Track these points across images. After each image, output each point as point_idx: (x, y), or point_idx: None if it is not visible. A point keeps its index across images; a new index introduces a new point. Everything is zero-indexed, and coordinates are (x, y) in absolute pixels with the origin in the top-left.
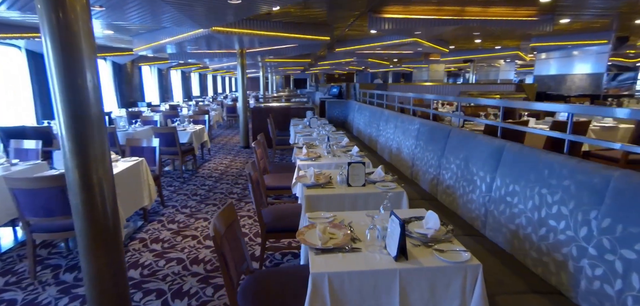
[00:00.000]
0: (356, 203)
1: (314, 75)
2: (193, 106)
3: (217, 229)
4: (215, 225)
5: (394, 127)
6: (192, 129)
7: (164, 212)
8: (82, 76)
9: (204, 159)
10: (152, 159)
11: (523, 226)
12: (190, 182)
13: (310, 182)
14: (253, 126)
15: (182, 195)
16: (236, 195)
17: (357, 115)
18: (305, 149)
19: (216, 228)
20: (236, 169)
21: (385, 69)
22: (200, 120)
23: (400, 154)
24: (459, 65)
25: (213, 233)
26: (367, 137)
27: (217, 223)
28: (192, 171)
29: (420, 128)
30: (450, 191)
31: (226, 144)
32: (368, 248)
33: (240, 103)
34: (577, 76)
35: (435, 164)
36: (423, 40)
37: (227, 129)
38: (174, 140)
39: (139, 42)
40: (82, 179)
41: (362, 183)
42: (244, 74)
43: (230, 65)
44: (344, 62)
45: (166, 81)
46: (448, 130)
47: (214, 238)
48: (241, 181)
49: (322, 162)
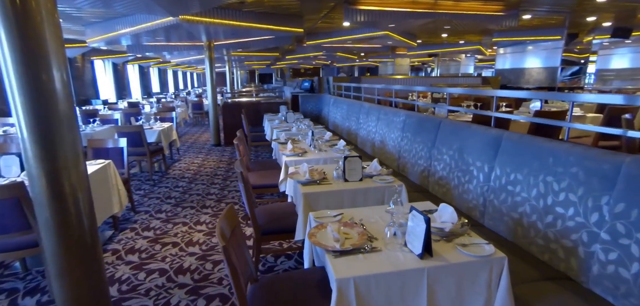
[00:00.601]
0: (355, 199)
1: (280, 70)
2: (154, 103)
3: (225, 235)
4: (222, 231)
5: (376, 120)
6: (159, 127)
7: (136, 219)
8: (47, 71)
9: (174, 159)
10: (119, 161)
11: (527, 214)
12: (161, 184)
13: (304, 179)
14: (224, 122)
15: (154, 199)
16: (214, 196)
17: (333, 109)
18: (290, 144)
19: (223, 234)
20: (210, 168)
21: (351, 63)
22: (167, 117)
23: (384, 147)
24: (422, 59)
25: (222, 241)
26: (346, 131)
27: (224, 228)
28: (161, 172)
29: (407, 120)
30: (443, 183)
31: (195, 143)
32: (387, 246)
33: (210, 99)
34: (535, 69)
35: (426, 155)
36: (394, 34)
37: (194, 126)
38: (140, 140)
39: (92, 32)
40: (51, 188)
41: (359, 177)
42: (213, 68)
43: (191, 60)
44: (312, 57)
45: (123, 77)
46: (438, 121)
47: (225, 248)
48: (217, 180)
49: (310, 157)
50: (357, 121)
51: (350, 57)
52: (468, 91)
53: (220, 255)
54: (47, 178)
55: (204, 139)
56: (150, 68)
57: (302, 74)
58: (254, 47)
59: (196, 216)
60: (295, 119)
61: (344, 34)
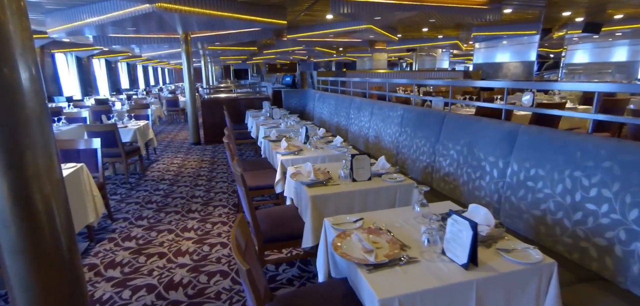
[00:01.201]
0: (366, 200)
1: (256, 65)
2: (125, 100)
3: (240, 247)
4: (238, 244)
5: (369, 115)
6: (135, 125)
7: (115, 227)
8: (10, 65)
9: (151, 160)
10: (92, 164)
11: (551, 211)
12: (139, 187)
13: (309, 179)
14: (204, 119)
15: (132, 204)
16: (200, 199)
17: (319, 104)
18: (284, 142)
19: (239, 248)
20: (192, 169)
21: (329, 58)
22: (142, 115)
23: (380, 142)
24: (400, 54)
25: (243, 262)
26: (334, 127)
27: (240, 242)
28: (139, 174)
29: (405, 115)
30: (450, 179)
31: (173, 142)
32: (424, 256)
33: (187, 95)
34: (512, 63)
35: (429, 151)
36: (377, 28)
37: (170, 125)
38: (114, 139)
39: (53, 22)
40: (19, 203)
41: (368, 176)
42: (190, 62)
43: (163, 54)
44: (290, 51)
45: (88, 72)
46: (442, 115)
47: (249, 272)
48: (201, 182)
49: (306, 156)
50: (347, 117)
51: (328, 52)
52: (466, 82)
53: (214, 265)
54: (13, 191)
55: (182, 137)
56: (119, 63)
57: (278, 70)
58: (233, 40)
59: (182, 222)
60: (282, 115)
61: (326, 28)
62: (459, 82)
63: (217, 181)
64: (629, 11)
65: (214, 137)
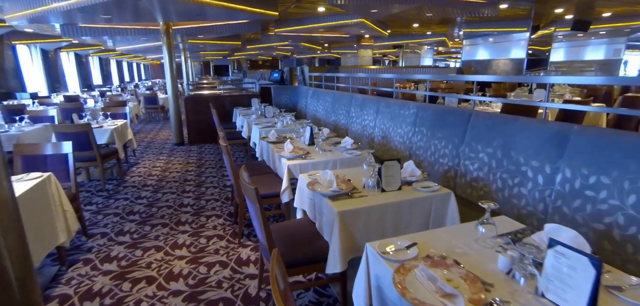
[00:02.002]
0: (400, 214)
1: (237, 61)
2: (98, 97)
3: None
4: (278, 287)
5: (374, 113)
6: (111, 125)
7: (91, 246)
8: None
9: (130, 163)
10: (63, 172)
11: (620, 225)
12: (118, 195)
13: (331, 191)
14: (187, 118)
15: (111, 215)
16: (190, 208)
17: (312, 101)
18: (289, 144)
19: (280, 292)
20: (177, 173)
21: (312, 54)
22: (119, 113)
23: (388, 143)
24: (386, 51)
25: None
26: (331, 126)
27: (280, 282)
28: (117, 179)
29: (420, 113)
30: (479, 185)
31: (154, 142)
32: (517, 298)
33: (170, 92)
34: (502, 61)
35: (452, 153)
36: (369, 22)
37: (149, 123)
38: (88, 141)
39: (12, 7)
40: None
41: (398, 185)
42: (172, 56)
43: (139, 48)
44: (274, 47)
45: (55, 66)
46: (467, 114)
47: None
48: (190, 187)
49: (316, 160)
50: (347, 115)
51: (314, 48)
52: (505, 78)
53: (215, 292)
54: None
55: (163, 137)
56: (90, 57)
57: (260, 66)
58: (218, 33)
59: (172, 236)
60: (275, 113)
61: (316, 22)
62: (479, 77)
63: (207, 186)
64: (617, 9)
65: (198, 137)
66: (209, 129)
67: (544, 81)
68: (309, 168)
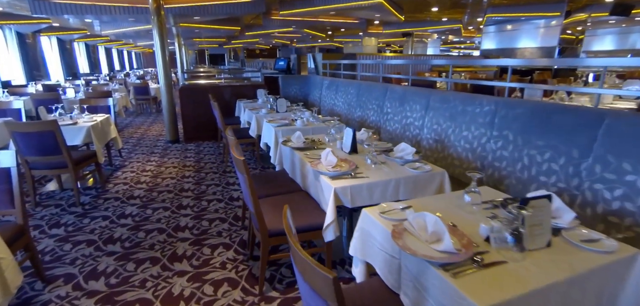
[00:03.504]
0: (569, 297)
1: (233, 50)
2: (82, 86)
3: None
4: None
5: (422, 109)
6: (88, 121)
7: (47, 300)
8: None
9: (115, 167)
10: (5, 194)
11: None
12: (96, 212)
13: (443, 250)
14: (183, 111)
15: (83, 246)
16: (189, 232)
17: (328, 93)
18: (331, 155)
19: None
20: (171, 179)
21: (313, 43)
22: (101, 106)
23: (445, 149)
24: (388, 40)
25: None
26: (356, 122)
27: None
28: (97, 189)
29: (501, 111)
30: (626, 222)
31: (144, 139)
32: None
33: (162, 82)
34: (528, 49)
35: (566, 171)
36: (387, 3)
37: (139, 116)
38: (55, 144)
39: None
40: None
41: (547, 241)
42: (164, 39)
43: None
44: (275, 33)
45: (34, 52)
46: (597, 114)
47: None
48: (187, 199)
49: (372, 180)
50: (380, 110)
51: (317, 36)
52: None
53: None
54: None
55: (155, 133)
56: (75, 43)
57: (257, 55)
58: (216, 13)
59: (165, 281)
60: (289, 108)
61: (328, 2)
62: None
63: (209, 197)
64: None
65: (196, 133)
66: (208, 123)
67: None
68: (364, 192)
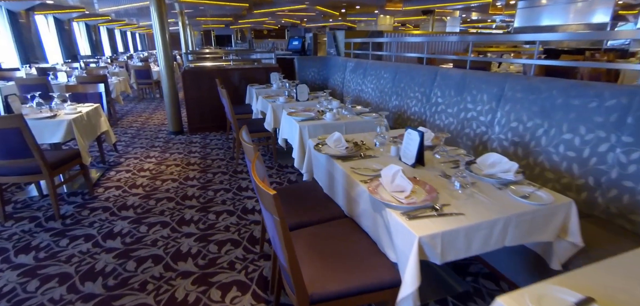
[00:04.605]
0: None
1: (240, 30)
2: (79, 69)
3: None
4: None
5: (494, 100)
6: (71, 113)
7: None
8: None
9: (109, 165)
10: None
11: None
12: (77, 229)
13: None
14: (186, 97)
15: (54, 285)
16: (193, 264)
17: (353, 77)
18: (401, 176)
19: None
20: (173, 181)
21: (323, 23)
22: (91, 94)
23: (533, 157)
24: (404, 19)
25: None
26: (392, 113)
27: None
28: (82, 196)
29: (637, 106)
30: None
31: (144, 130)
32: None
33: (162, 64)
34: (572, 26)
35: None
36: None
37: (141, 102)
38: (23, 144)
39: None
40: None
41: None
42: (164, 17)
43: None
44: (285, 12)
45: (28, 32)
46: None
47: None
48: (191, 209)
49: (470, 222)
50: (426, 99)
51: (329, 14)
52: None
53: None
54: None
55: (157, 122)
56: (74, 23)
57: (265, 36)
58: None
59: None
60: (312, 96)
61: None
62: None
63: (219, 209)
64: None
65: (201, 123)
66: (215, 111)
67: None
68: (460, 240)
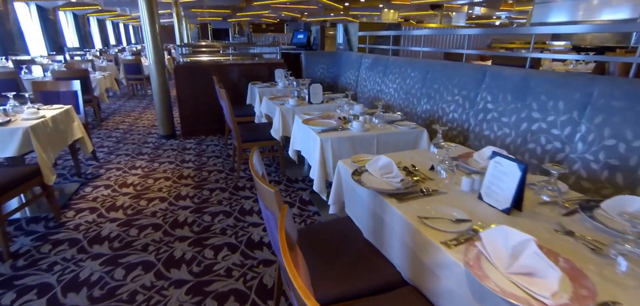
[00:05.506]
0: None
1: (238, 24)
2: (60, 63)
3: None
4: None
5: (576, 109)
6: (29, 118)
7: None
8: None
9: (84, 179)
10: None
11: None
12: (30, 277)
13: None
14: (179, 96)
15: None
16: None
17: (370, 75)
18: (552, 274)
19: None
20: (163, 200)
21: (325, 17)
22: (64, 92)
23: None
24: (408, 14)
25: None
26: (421, 117)
27: None
28: (46, 223)
29: None
30: None
31: (131, 133)
32: None
33: (151, 58)
34: (595, 22)
35: None
36: None
37: (130, 100)
38: None
39: None
40: None
41: None
42: (153, 4)
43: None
44: (285, 4)
45: (7, 22)
46: None
47: None
48: (183, 242)
49: None
50: (470, 103)
51: (332, 6)
52: None
53: None
54: None
55: (147, 123)
56: (60, 12)
57: (264, 30)
58: None
59: None
60: (326, 97)
61: None
62: None
63: (218, 242)
64: None
65: (196, 125)
66: (211, 112)
67: None
68: None
